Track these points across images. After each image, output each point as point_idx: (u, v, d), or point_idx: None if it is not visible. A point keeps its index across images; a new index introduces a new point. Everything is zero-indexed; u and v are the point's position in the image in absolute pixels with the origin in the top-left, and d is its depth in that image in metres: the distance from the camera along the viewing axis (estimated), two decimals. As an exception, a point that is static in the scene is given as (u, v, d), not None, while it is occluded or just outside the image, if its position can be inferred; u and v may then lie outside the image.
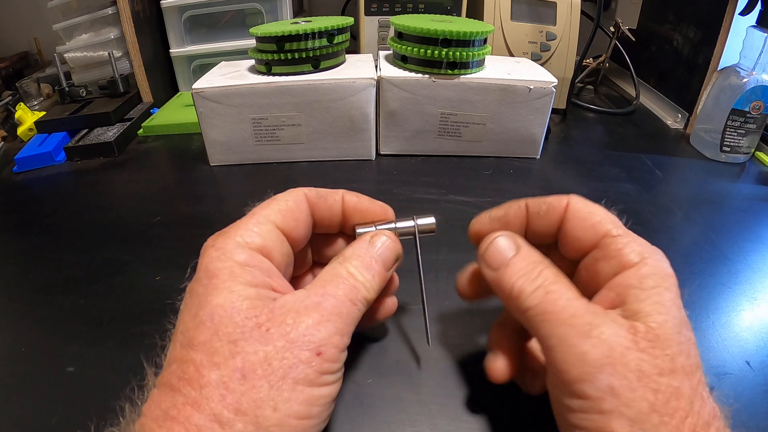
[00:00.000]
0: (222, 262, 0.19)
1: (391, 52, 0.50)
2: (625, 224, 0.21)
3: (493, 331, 0.23)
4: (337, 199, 0.24)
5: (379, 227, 0.24)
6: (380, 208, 0.25)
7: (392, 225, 0.24)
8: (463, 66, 0.45)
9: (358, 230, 0.24)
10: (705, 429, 0.16)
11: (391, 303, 0.25)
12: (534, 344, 0.24)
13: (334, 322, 0.18)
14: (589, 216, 0.21)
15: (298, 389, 0.17)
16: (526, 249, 0.21)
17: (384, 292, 0.24)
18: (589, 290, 0.21)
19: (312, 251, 0.26)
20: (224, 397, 0.16)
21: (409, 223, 0.24)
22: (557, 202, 0.22)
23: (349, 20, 0.47)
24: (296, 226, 0.22)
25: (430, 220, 0.24)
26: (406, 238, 0.24)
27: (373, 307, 0.24)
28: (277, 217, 0.21)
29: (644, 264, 0.19)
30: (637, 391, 0.16)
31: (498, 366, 0.22)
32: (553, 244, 0.23)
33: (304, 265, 0.26)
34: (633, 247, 0.19)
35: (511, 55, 0.58)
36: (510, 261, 0.21)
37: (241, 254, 0.19)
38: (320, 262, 0.26)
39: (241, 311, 0.17)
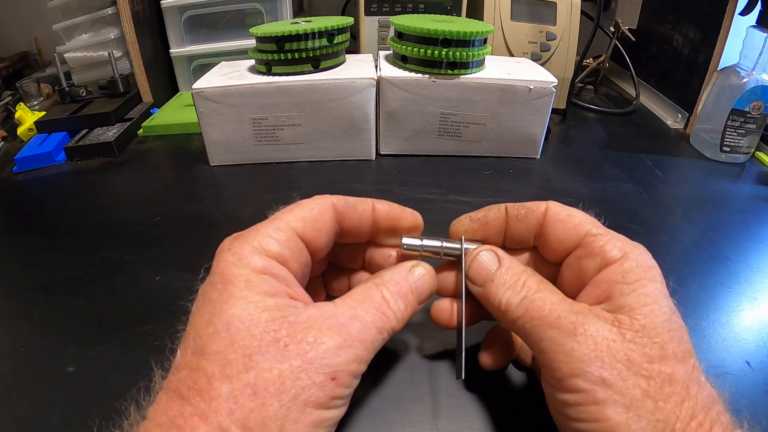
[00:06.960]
0: (238, 269, 0.18)
1: (391, 52, 0.50)
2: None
3: (489, 332, 0.26)
4: (367, 209, 0.23)
5: (426, 242, 0.23)
6: (411, 215, 0.24)
7: (439, 243, 0.24)
8: (463, 66, 0.45)
9: (405, 241, 0.23)
10: (704, 412, 0.16)
11: None
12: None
13: (356, 348, 0.18)
14: (568, 218, 0.22)
15: (306, 411, 0.16)
16: (508, 261, 0.22)
17: None
18: (573, 289, 0.21)
19: (329, 254, 0.25)
20: (233, 412, 0.16)
21: (455, 245, 0.24)
22: (536, 206, 0.23)
23: (349, 20, 0.47)
24: (318, 236, 0.21)
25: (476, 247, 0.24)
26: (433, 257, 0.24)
27: None
28: (298, 225, 0.20)
29: (626, 259, 0.20)
30: (628, 380, 0.17)
31: (486, 358, 0.24)
32: (533, 250, 0.24)
33: (319, 269, 0.25)
34: (614, 243, 0.20)
35: (511, 55, 0.58)
36: (494, 275, 0.21)
37: (259, 261, 0.19)
38: (336, 263, 0.26)
39: (260, 324, 0.17)
